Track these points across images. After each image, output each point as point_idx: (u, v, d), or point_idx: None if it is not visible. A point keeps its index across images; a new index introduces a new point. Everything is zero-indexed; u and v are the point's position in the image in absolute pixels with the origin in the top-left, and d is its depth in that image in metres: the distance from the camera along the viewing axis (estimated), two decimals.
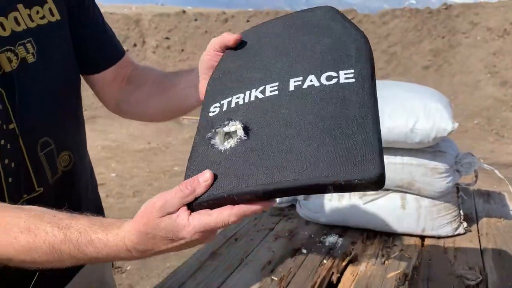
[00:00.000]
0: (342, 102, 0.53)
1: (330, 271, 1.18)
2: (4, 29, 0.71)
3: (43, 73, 0.77)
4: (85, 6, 0.85)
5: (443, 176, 1.27)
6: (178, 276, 1.15)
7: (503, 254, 1.24)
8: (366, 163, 0.47)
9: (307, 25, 0.66)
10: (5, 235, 0.61)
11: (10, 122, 0.72)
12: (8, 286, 0.79)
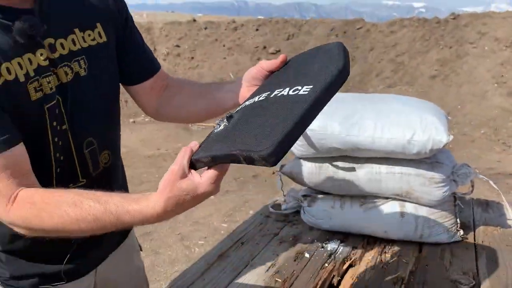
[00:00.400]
0: (291, 104, 0.68)
1: (331, 274, 1.25)
2: (63, 48, 0.89)
3: (92, 85, 0.94)
4: (128, 29, 1.04)
5: (440, 186, 1.34)
6: (187, 276, 1.22)
7: (496, 261, 1.31)
8: (266, 141, 0.63)
9: (315, 56, 0.83)
10: (57, 209, 0.76)
11: (63, 123, 0.89)
12: (46, 259, 0.98)
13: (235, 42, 10.38)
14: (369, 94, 1.57)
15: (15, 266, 0.98)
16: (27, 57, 0.84)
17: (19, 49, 0.82)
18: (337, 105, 1.41)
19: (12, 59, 0.81)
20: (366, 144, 1.30)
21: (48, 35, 0.87)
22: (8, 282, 0.99)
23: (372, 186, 1.39)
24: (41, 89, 0.85)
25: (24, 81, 0.83)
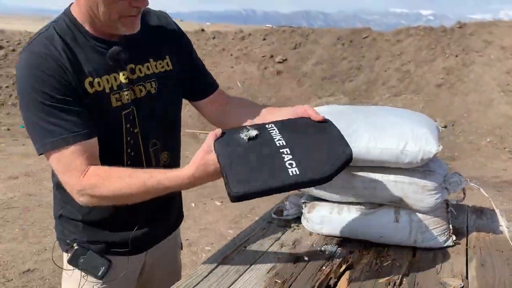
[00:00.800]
0: (280, 173, 0.99)
1: (328, 276, 1.32)
2: (141, 72, 1.22)
3: (159, 101, 1.25)
4: (193, 60, 1.37)
5: (432, 193, 1.41)
6: (193, 278, 1.30)
7: (485, 265, 1.37)
8: (242, 186, 0.96)
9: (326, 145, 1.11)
10: (116, 178, 1.08)
11: (135, 127, 1.20)
12: (114, 230, 1.29)
13: (243, 51, 10.54)
14: (365, 106, 1.65)
15: (89, 233, 1.28)
16: (113, 75, 1.16)
17: (108, 69, 1.15)
18: (334, 117, 1.49)
19: (102, 76, 1.14)
20: (361, 153, 1.39)
21: (130, 61, 1.19)
22: (83, 244, 1.28)
23: (368, 193, 1.47)
24: (120, 100, 1.16)
25: (108, 92, 1.14)
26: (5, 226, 3.91)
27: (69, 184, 1.11)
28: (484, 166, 6.35)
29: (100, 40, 1.15)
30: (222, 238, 3.85)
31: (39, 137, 1.09)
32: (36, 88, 1.06)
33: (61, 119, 1.07)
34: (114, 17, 1.10)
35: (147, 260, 1.40)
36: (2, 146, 6.70)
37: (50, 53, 1.08)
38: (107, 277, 1.27)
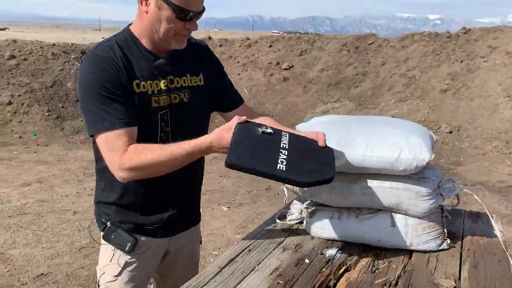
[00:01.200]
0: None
1: (328, 277, 1.40)
2: (178, 83, 1.49)
3: (189, 108, 1.51)
4: (222, 79, 1.66)
5: (426, 199, 1.49)
6: (201, 278, 1.39)
7: (478, 267, 1.45)
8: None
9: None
10: (150, 151, 1.33)
11: (168, 127, 1.47)
12: (144, 213, 1.54)
13: (249, 59, 10.66)
14: (363, 116, 1.74)
15: (121, 215, 1.53)
16: (156, 82, 1.44)
17: (153, 76, 1.43)
18: (334, 127, 1.59)
19: (147, 80, 1.42)
20: (358, 162, 1.47)
21: (171, 73, 1.47)
22: (115, 223, 1.53)
23: (365, 199, 1.55)
24: (158, 102, 1.43)
25: (150, 94, 1.42)
26: (19, 231, 4.02)
27: (112, 161, 1.36)
28: (489, 171, 6.36)
29: (150, 52, 1.45)
30: (229, 243, 3.93)
31: (93, 121, 1.37)
32: (96, 81, 1.34)
33: (111, 108, 1.34)
34: (171, 34, 1.40)
35: (170, 248, 1.65)
36: (15, 153, 6.84)
37: (109, 57, 1.37)
38: (134, 252, 1.53)
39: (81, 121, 8.59)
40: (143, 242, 1.55)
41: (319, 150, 1.37)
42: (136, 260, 1.56)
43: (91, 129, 1.38)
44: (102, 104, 1.34)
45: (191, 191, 1.68)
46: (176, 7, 1.36)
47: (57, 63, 9.36)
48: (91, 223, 1.63)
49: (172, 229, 1.62)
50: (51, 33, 52.26)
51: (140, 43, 1.45)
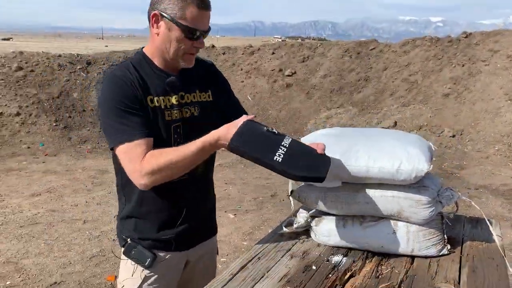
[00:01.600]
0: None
1: (334, 283, 1.47)
2: (188, 99, 1.60)
3: (199, 121, 1.61)
4: (228, 95, 1.77)
5: (426, 207, 1.56)
6: (214, 285, 1.46)
7: (476, 271, 1.51)
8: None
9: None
10: (165, 153, 1.43)
11: (180, 138, 1.55)
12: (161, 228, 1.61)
13: (252, 66, 10.77)
14: (364, 128, 1.82)
15: (140, 232, 1.62)
16: (168, 97, 1.55)
17: (165, 92, 1.55)
18: (337, 139, 1.67)
19: (160, 96, 1.53)
20: (361, 172, 1.55)
21: (181, 90, 1.58)
22: (135, 240, 1.61)
23: (369, 207, 1.63)
24: (171, 116, 1.54)
25: (163, 108, 1.53)
26: (31, 241, 4.11)
27: (133, 169, 1.45)
28: (492, 175, 6.41)
29: (162, 71, 1.57)
30: (236, 249, 4.01)
31: (113, 135, 1.47)
32: (114, 98, 1.46)
33: (130, 121, 1.45)
34: (180, 53, 1.51)
35: (189, 259, 1.73)
36: (24, 164, 6.95)
37: (125, 75, 1.49)
38: (154, 267, 1.62)
39: (88, 130, 8.72)
40: (162, 257, 1.63)
41: (317, 155, 1.47)
42: (155, 274, 1.64)
43: (112, 142, 1.48)
44: (121, 118, 1.45)
45: (206, 204, 1.76)
46: (184, 28, 1.46)
47: (63, 74, 9.51)
48: (115, 238, 1.71)
49: (191, 242, 1.70)
50: (54, 42, 52.59)
51: (152, 63, 1.56)
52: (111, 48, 15.05)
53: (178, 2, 1.46)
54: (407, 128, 7.98)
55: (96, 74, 9.80)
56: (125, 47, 15.81)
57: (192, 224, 1.68)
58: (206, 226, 1.80)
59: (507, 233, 4.46)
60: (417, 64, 9.52)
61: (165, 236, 1.63)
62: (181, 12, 1.46)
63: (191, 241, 1.71)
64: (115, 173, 1.64)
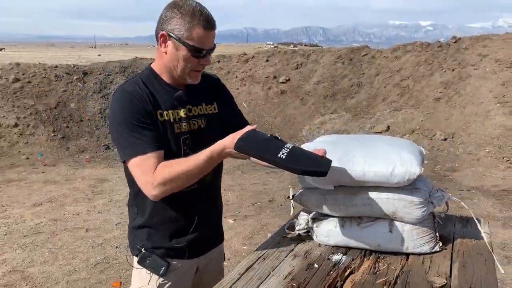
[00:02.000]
0: None
1: (335, 280, 1.58)
2: (195, 112, 1.68)
3: (206, 132, 1.69)
4: (231, 107, 1.86)
5: (419, 207, 1.68)
6: (224, 284, 1.57)
7: (466, 266, 1.63)
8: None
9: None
10: (176, 163, 1.50)
11: (189, 149, 1.62)
12: (173, 236, 1.69)
13: (247, 73, 10.92)
14: (359, 135, 1.94)
15: (153, 241, 1.68)
16: (176, 111, 1.62)
17: (173, 106, 1.62)
18: (335, 146, 1.79)
19: (169, 110, 1.61)
20: (358, 176, 1.67)
21: (188, 103, 1.66)
22: (149, 249, 1.68)
23: (365, 209, 1.74)
24: (180, 128, 1.61)
25: (172, 122, 1.60)
26: (35, 250, 4.19)
27: (145, 181, 1.51)
28: (484, 176, 6.57)
29: (170, 86, 1.65)
30: (237, 254, 4.11)
31: (125, 148, 1.53)
32: (126, 112, 1.53)
33: (141, 135, 1.51)
34: (187, 70, 1.59)
35: (199, 265, 1.80)
36: (23, 174, 7.01)
37: (136, 91, 1.56)
38: (168, 275, 1.68)
39: (86, 140, 8.79)
40: (175, 265, 1.70)
41: (318, 156, 1.57)
42: (169, 281, 1.70)
43: (124, 156, 1.54)
44: (132, 132, 1.51)
45: (215, 212, 1.84)
46: (191, 47, 1.54)
47: (60, 85, 9.59)
48: (127, 248, 1.79)
49: (202, 249, 1.78)
50: (47, 52, 52.35)
51: (161, 78, 1.64)
52: (104, 57, 15.12)
53: (185, 23, 1.53)
54: (400, 132, 8.14)
55: (93, 84, 9.89)
56: (119, 55, 15.91)
57: (204, 232, 1.75)
58: (215, 233, 1.88)
59: (499, 232, 4.60)
60: (408, 69, 9.70)
61: (178, 245, 1.69)
62: (187, 33, 1.53)
63: (203, 249, 1.78)
64: (128, 184, 1.70)
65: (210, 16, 1.56)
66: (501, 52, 9.01)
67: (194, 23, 1.53)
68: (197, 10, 1.54)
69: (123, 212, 5.27)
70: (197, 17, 1.53)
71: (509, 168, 6.77)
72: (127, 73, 10.58)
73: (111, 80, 10.31)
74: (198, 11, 1.54)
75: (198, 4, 1.55)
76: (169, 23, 1.55)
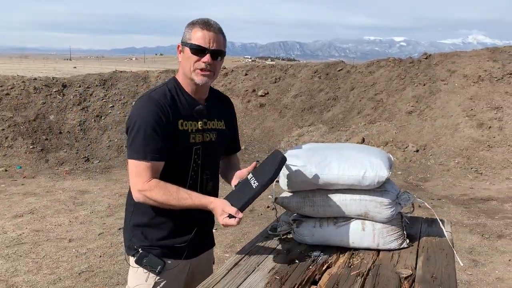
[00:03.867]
0: (250, 189, 1.68)
1: (314, 273, 1.73)
2: (210, 125, 1.84)
3: (215, 145, 1.86)
4: (234, 125, 2.04)
5: (388, 207, 1.87)
6: (214, 278, 1.70)
7: (430, 259, 1.82)
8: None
9: (267, 163, 1.75)
10: (168, 190, 1.65)
11: (199, 159, 1.80)
12: (170, 237, 1.81)
13: (227, 87, 11.11)
14: (335, 143, 2.13)
15: (150, 241, 1.79)
16: (194, 123, 1.78)
17: (193, 118, 1.77)
18: (313, 153, 1.97)
19: (189, 121, 1.76)
20: (333, 180, 1.85)
21: (205, 117, 1.82)
22: (145, 248, 1.79)
23: (341, 209, 1.91)
24: (195, 139, 1.76)
25: (190, 132, 1.75)
26: (19, 260, 4.21)
27: (135, 184, 1.67)
28: (453, 186, 6.88)
29: (192, 98, 1.80)
30: (219, 261, 4.21)
31: (133, 149, 1.68)
32: (147, 118, 1.67)
33: (150, 144, 1.66)
34: (192, 69, 1.73)
35: (192, 267, 1.91)
36: (2, 186, 6.95)
37: (160, 100, 1.71)
38: (163, 273, 1.79)
39: (65, 152, 8.77)
40: (170, 265, 1.81)
41: (270, 159, 1.76)
42: (164, 280, 1.80)
43: (129, 154, 1.70)
44: (144, 138, 1.66)
45: (211, 217, 1.89)
46: (191, 45, 1.71)
47: (39, 97, 9.56)
48: (124, 250, 1.87)
49: (198, 250, 1.91)
50: (21, 64, 51.29)
51: (184, 90, 1.79)
52: (80, 69, 15.06)
53: (188, 30, 1.74)
54: (374, 144, 8.43)
55: (72, 97, 9.89)
56: (95, 68, 15.88)
57: (201, 234, 1.88)
58: (209, 236, 2.01)
59: (466, 238, 4.86)
60: (382, 83, 10.07)
61: (178, 244, 1.80)
62: (189, 35, 1.73)
63: (198, 250, 1.91)
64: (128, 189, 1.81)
65: (210, 21, 1.74)
66: (468, 68, 9.48)
67: (194, 26, 1.73)
68: (201, 19, 1.74)
69: (105, 222, 5.32)
70: (199, 22, 1.73)
71: (477, 178, 7.11)
72: (106, 85, 10.62)
73: (91, 92, 10.33)
74: (201, 19, 1.74)
75: (207, 18, 1.75)
76: (183, 36, 1.76)
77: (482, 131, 8.15)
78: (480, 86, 8.99)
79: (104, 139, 9.29)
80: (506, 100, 8.63)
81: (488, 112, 8.44)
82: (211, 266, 2.07)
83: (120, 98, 10.26)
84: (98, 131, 9.48)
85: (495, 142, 7.90)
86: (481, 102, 8.67)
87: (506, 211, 5.85)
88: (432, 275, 1.69)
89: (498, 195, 6.47)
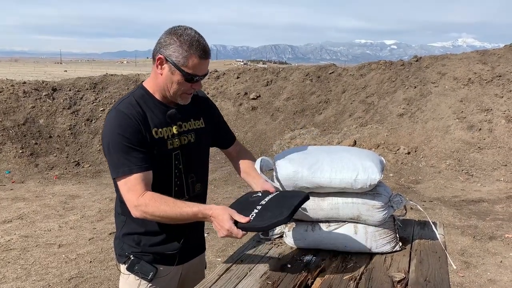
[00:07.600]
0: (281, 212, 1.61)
1: (307, 277, 1.72)
2: (185, 127, 1.78)
3: (196, 147, 1.80)
4: (218, 121, 1.98)
5: (380, 211, 1.86)
6: (205, 284, 1.69)
7: (422, 262, 1.81)
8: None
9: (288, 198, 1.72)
10: (163, 202, 1.58)
11: (180, 164, 1.74)
12: (162, 244, 1.77)
13: (218, 90, 11.10)
14: (327, 146, 2.12)
15: (142, 247, 1.76)
16: (169, 128, 1.72)
17: (166, 124, 1.71)
18: (305, 156, 1.96)
19: (163, 127, 1.70)
20: (325, 183, 1.84)
21: (179, 120, 1.75)
22: (137, 255, 1.76)
23: (333, 213, 1.90)
24: (172, 144, 1.71)
25: (166, 139, 1.70)
26: (7, 266, 4.14)
27: (129, 200, 1.60)
28: (445, 188, 6.92)
29: (163, 104, 1.73)
30: (211, 265, 4.18)
31: (115, 167, 1.62)
32: (119, 133, 1.60)
33: (131, 156, 1.60)
34: (179, 92, 1.69)
35: (183, 272, 1.89)
36: None
37: (130, 112, 1.63)
38: (155, 280, 1.77)
39: (55, 156, 8.68)
40: (162, 271, 1.78)
41: (288, 196, 1.70)
42: (156, 286, 1.78)
43: (114, 173, 1.63)
44: (123, 152, 1.59)
45: (202, 222, 1.88)
46: (186, 74, 1.62)
47: (28, 101, 9.46)
48: (116, 256, 1.84)
49: (188, 256, 1.88)
50: (11, 68, 50.79)
51: (154, 97, 1.72)
52: (70, 73, 14.96)
53: (182, 52, 1.60)
54: (366, 146, 8.46)
55: (62, 100, 9.80)
56: (85, 71, 15.79)
57: (192, 240, 1.87)
58: (200, 241, 2.00)
59: (458, 240, 4.88)
60: (373, 86, 10.11)
61: (169, 251, 1.78)
62: (184, 60, 1.60)
63: (189, 256, 1.89)
64: (117, 195, 1.78)
65: (206, 47, 1.65)
66: (458, 71, 9.55)
67: (191, 52, 1.60)
68: (195, 40, 1.62)
69: (95, 227, 5.26)
70: (194, 47, 1.61)
71: (468, 179, 7.16)
72: (97, 89, 10.55)
73: (81, 96, 10.25)
74: (196, 41, 1.62)
75: (196, 34, 1.63)
76: (168, 48, 1.61)
77: (472, 133, 8.21)
78: (470, 88, 9.06)
79: (94, 143, 9.21)
80: (496, 102, 8.70)
81: (478, 114, 8.51)
82: (203, 271, 2.06)
83: (111, 101, 10.20)
84: (88, 135, 9.40)
85: (486, 144, 7.96)
86: (471, 104, 8.74)
87: (497, 212, 5.89)
88: (426, 278, 1.69)
89: (489, 197, 6.51)
